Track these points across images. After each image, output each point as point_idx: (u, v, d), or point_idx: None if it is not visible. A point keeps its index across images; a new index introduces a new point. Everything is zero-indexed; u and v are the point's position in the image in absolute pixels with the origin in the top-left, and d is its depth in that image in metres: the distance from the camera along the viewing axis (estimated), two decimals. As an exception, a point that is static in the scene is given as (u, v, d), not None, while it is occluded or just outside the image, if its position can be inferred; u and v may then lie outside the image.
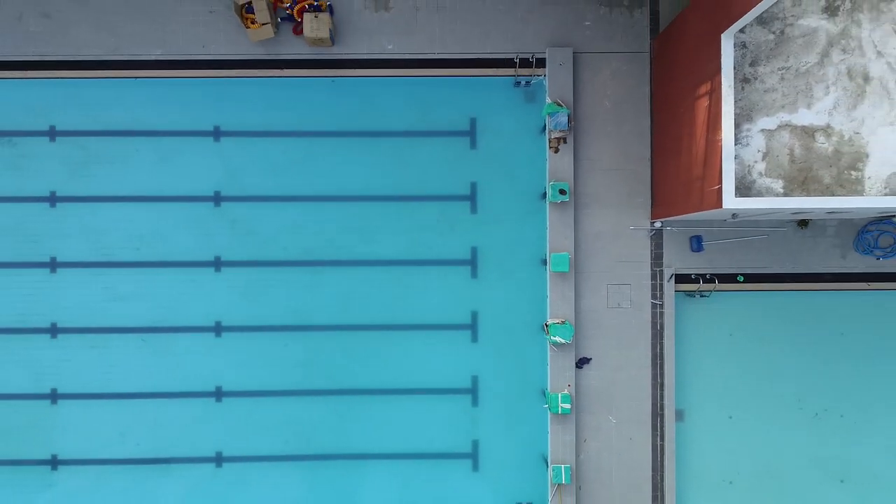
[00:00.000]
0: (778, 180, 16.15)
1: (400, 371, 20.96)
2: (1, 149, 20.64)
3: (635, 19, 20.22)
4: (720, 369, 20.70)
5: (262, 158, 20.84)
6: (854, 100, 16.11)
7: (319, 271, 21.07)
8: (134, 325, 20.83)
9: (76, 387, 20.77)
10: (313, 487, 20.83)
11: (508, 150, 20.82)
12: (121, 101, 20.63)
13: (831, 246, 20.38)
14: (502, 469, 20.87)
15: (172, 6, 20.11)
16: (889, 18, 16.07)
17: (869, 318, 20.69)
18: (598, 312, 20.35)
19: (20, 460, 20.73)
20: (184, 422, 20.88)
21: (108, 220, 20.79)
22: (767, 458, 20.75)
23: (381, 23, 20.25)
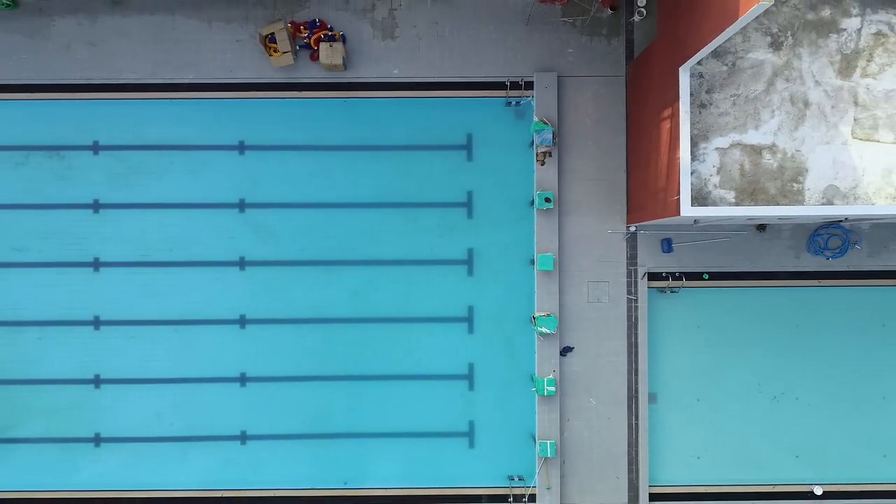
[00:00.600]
0: (730, 191, 18.73)
1: (404, 359, 23.34)
2: (50, 161, 23.20)
3: (612, 47, 22.78)
4: (688, 357, 23.12)
5: (282, 170, 23.30)
6: (795, 122, 18.67)
7: (332, 270, 23.45)
8: (167, 318, 23.22)
9: (116, 373, 23.14)
10: (327, 462, 23.20)
11: (500, 162, 23.20)
12: (157, 119, 23.06)
13: (786, 248, 22.91)
14: (495, 446, 23.25)
15: (203, 36, 22.63)
16: (825, 52, 18.65)
17: (820, 312, 23.07)
18: (580, 307, 22.86)
19: (67, 438, 23.13)
20: (212, 404, 23.27)
21: (145, 225, 23.12)
22: (731, 436, 23.13)
23: (387, 50, 22.80)
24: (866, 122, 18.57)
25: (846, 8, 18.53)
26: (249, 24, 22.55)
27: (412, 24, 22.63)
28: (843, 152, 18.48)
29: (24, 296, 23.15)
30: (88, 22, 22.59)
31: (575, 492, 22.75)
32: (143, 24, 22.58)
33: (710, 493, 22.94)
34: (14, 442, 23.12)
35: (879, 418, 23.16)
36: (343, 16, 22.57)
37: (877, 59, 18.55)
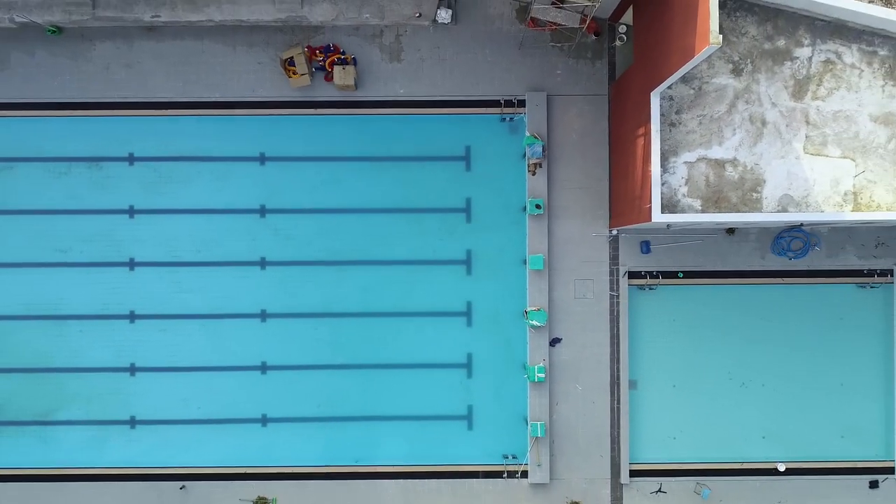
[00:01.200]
0: (697, 200, 21.23)
1: (409, 349, 25.73)
2: (90, 171, 25.66)
3: (596, 69, 25.27)
4: (665, 348, 25.53)
5: (299, 179, 25.70)
6: (754, 139, 21.17)
7: (344, 269, 25.84)
8: (195, 312, 25.65)
9: (150, 362, 25.55)
10: (340, 442, 25.55)
11: (496, 172, 25.61)
12: (186, 133, 25.48)
13: (753, 249, 25.39)
14: (491, 428, 25.63)
15: (229, 59, 25.09)
16: (781, 78, 21.14)
17: (784, 307, 25.46)
18: (567, 302, 25.35)
19: (106, 420, 25.55)
20: (235, 390, 25.66)
21: (175, 229, 25.53)
22: (703, 418, 25.53)
23: (394, 72, 25.28)
24: (816, 139, 21.09)
25: (799, 39, 21.06)
26: (270, 49, 25.05)
27: (416, 48, 25.13)
28: (796, 165, 21.01)
29: (67, 293, 25.64)
30: (125, 46, 25.09)
31: (563, 468, 25.26)
32: (174, 48, 25.08)
33: (684, 470, 25.40)
34: (58, 424, 25.61)
35: (837, 403, 25.61)
36: (354, 41, 25.07)
37: (826, 84, 21.08)
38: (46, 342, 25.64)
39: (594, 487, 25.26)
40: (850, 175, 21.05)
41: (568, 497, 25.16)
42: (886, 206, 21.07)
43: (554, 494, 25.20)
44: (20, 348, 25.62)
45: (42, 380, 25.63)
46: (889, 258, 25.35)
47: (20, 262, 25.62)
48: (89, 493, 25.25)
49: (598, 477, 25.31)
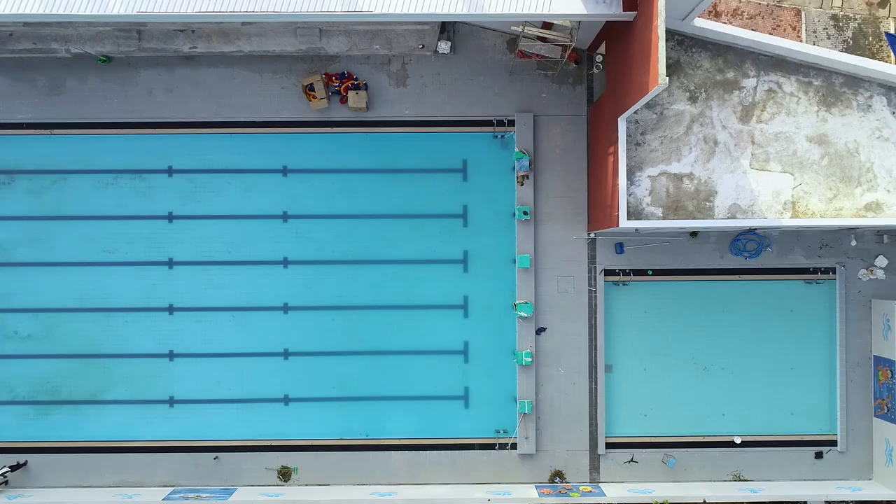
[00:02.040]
0: (659, 208, 24.90)
1: (412, 338, 28.99)
2: (134, 182, 29.20)
3: (577, 92, 28.84)
4: (637, 336, 28.85)
5: (317, 188, 29.06)
6: (707, 156, 24.83)
7: (356, 268, 29.13)
8: (226, 305, 28.96)
9: (186, 349, 28.91)
10: (352, 418, 28.76)
11: (489, 182, 28.87)
12: (218, 149, 28.88)
13: (713, 249, 28.94)
14: (485, 406, 28.92)
15: (256, 84, 28.58)
16: (730, 104, 24.81)
17: (741, 301, 28.77)
18: (551, 296, 28.88)
19: (148, 400, 28.88)
20: (261, 373, 28.97)
21: (209, 232, 28.87)
22: (671, 398, 28.85)
23: (400, 95, 28.85)
24: (760, 157, 24.79)
25: (745, 71, 24.77)
26: (292, 75, 28.67)
27: (420, 74, 28.78)
28: (743, 179, 24.68)
29: (114, 288, 29.14)
30: (166, 73, 28.74)
31: (547, 441, 28.80)
32: (209, 75, 28.69)
33: (653, 443, 28.95)
34: (106, 403, 29.19)
35: (787, 384, 29.07)
36: (366, 68, 28.72)
37: (768, 109, 24.79)
38: (96, 331, 29.12)
39: (574, 458, 28.84)
40: (789, 187, 24.75)
41: (552, 466, 28.79)
42: (820, 214, 24.75)
43: (539, 464, 28.83)
44: (73, 336, 29.16)
45: (92, 364, 29.18)
46: (832, 258, 28.92)
47: (73, 261, 29.18)
48: (135, 462, 28.79)
49: (578, 448, 28.82)
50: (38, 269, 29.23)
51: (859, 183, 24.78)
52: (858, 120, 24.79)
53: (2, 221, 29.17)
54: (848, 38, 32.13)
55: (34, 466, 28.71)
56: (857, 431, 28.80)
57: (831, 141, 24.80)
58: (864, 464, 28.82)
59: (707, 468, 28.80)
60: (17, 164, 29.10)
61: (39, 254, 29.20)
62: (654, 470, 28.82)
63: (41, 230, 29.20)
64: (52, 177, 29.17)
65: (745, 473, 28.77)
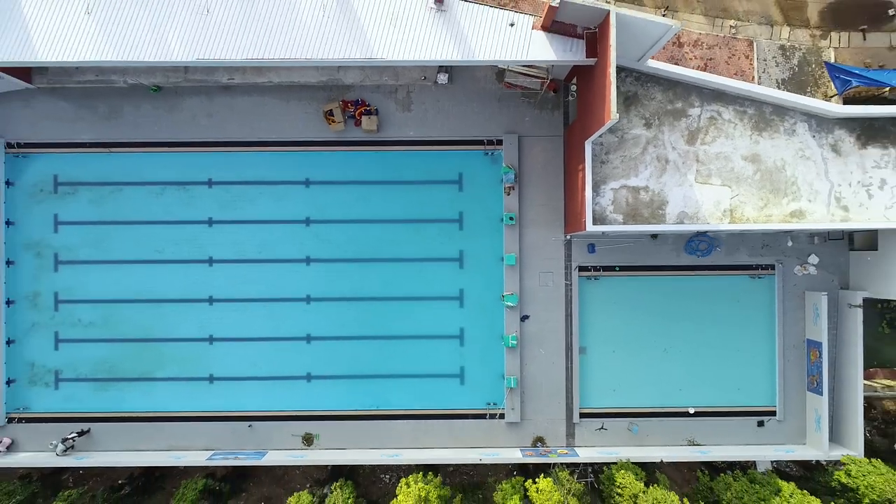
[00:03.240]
0: (619, 215, 30.08)
1: (416, 324, 34.04)
2: (180, 193, 34.39)
3: (555, 117, 34.00)
4: (607, 322, 33.98)
5: (334, 198, 34.16)
6: (660, 172, 30.05)
7: (367, 265, 34.14)
8: (258, 297, 34.13)
9: (224, 334, 34.03)
10: (363, 393, 33.84)
11: (481, 192, 33.93)
12: (251, 164, 34.10)
13: (671, 249, 34.10)
14: (477, 382, 33.93)
15: (284, 110, 33.72)
16: (679, 129, 30.03)
17: (695, 292, 33.85)
18: (534, 289, 34.04)
19: (191, 377, 34.03)
20: (288, 355, 34.03)
21: (243, 235, 34.07)
22: (635, 375, 33.94)
23: (406, 119, 34.05)
24: (704, 173, 29.97)
25: (691, 102, 29.96)
26: (314, 102, 33.84)
27: (422, 101, 33.95)
28: (690, 191, 29.85)
29: (162, 282, 34.23)
30: (207, 100, 33.92)
31: (530, 411, 33.95)
32: (244, 102, 33.86)
33: (620, 413, 34.00)
34: (156, 380, 34.31)
35: (735, 364, 34.07)
36: (376, 96, 33.90)
37: (710, 134, 29.97)
38: (147, 319, 34.22)
39: (553, 425, 33.98)
40: (728, 198, 29.93)
41: (534, 433, 33.95)
42: (753, 220, 29.93)
43: (523, 431, 33.98)
44: (128, 324, 34.28)
45: (144, 347, 34.28)
46: (772, 256, 34.06)
47: (128, 259, 34.28)
48: (180, 430, 33.89)
49: (556, 418, 33.94)
50: (97, 266, 34.36)
51: (786, 194, 29.95)
52: (785, 142, 29.97)
53: (68, 226, 34.31)
54: (794, 65, 37.22)
55: (96, 433, 33.83)
56: (793, 403, 33.93)
57: (762, 159, 29.98)
58: (799, 430, 33.96)
59: (665, 434, 33.89)
60: (81, 177, 34.22)
61: (99, 253, 34.31)
62: (620, 436, 33.90)
63: (100, 233, 34.33)
64: (109, 188, 34.29)
65: (698, 439, 33.88)
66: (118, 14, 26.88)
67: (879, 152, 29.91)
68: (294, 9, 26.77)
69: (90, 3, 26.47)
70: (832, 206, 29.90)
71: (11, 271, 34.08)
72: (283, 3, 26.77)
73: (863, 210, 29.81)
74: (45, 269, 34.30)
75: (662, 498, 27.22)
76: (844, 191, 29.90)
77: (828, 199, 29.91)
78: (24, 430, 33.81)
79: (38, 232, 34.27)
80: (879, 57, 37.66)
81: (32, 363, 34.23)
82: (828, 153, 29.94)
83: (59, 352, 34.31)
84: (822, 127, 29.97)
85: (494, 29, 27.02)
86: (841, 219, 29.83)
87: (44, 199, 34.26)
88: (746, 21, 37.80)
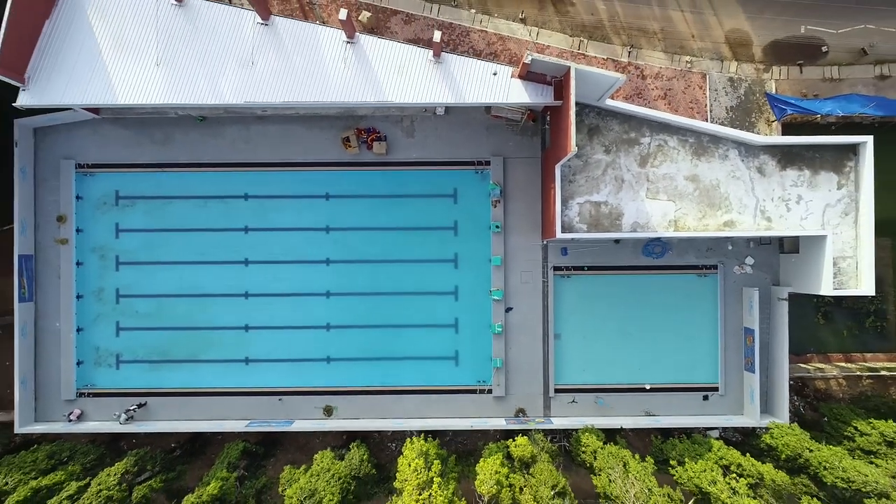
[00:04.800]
0: (584, 225, 36.83)
1: (419, 315, 40.74)
2: (221, 205, 41.10)
3: (534, 142, 40.76)
4: (578, 313, 40.89)
5: (350, 209, 41.00)
6: (617, 190, 36.81)
7: (378, 265, 40.87)
8: (286, 292, 40.86)
9: (257, 323, 40.75)
10: (374, 373, 40.64)
11: (472, 205, 40.81)
12: (280, 181, 40.78)
13: (631, 252, 40.87)
14: (469, 364, 40.77)
15: (308, 136, 40.48)
16: (633, 154, 36.79)
17: (651, 288, 40.59)
18: (516, 285, 40.84)
19: (230, 359, 40.84)
20: (310, 340, 40.72)
21: (273, 240, 40.94)
22: (601, 357, 40.71)
23: (410, 144, 40.80)
24: (653, 190, 36.72)
25: (643, 132, 36.74)
26: (333, 129, 40.60)
27: (423, 129, 40.70)
28: (641, 205, 36.60)
29: (206, 280, 40.92)
30: (244, 128, 40.68)
31: (513, 387, 40.72)
32: (275, 130, 40.63)
33: (589, 388, 40.62)
34: (201, 361, 41.03)
35: (685, 348, 40.85)
36: (385, 125, 40.65)
37: (658, 158, 36.74)
38: (193, 311, 40.93)
39: (533, 399, 40.75)
40: (672, 211, 36.67)
41: (517, 405, 40.71)
42: (693, 228, 36.63)
43: (508, 404, 40.74)
44: (177, 314, 41.01)
45: (191, 334, 41.02)
46: (715, 258, 40.77)
47: (177, 260, 40.99)
48: (221, 403, 40.61)
49: (535, 393, 40.69)
50: (152, 266, 41.08)
51: (720, 207, 36.69)
52: (719, 165, 36.71)
53: (127, 233, 41.06)
54: (741, 94, 43.88)
55: (152, 406, 40.57)
56: (732, 380, 40.66)
57: (701, 179, 36.72)
58: (737, 403, 40.69)
59: (626, 407, 40.61)
60: (138, 192, 40.95)
61: (153, 255, 41.02)
62: (588, 408, 40.63)
63: (154, 239, 41.04)
64: (162, 201, 41.01)
65: (653, 411, 40.60)
66: (181, 66, 33.63)
67: (796, 173, 36.67)
68: (321, 62, 33.52)
69: (159, 57, 33.19)
70: (758, 217, 36.67)
71: (80, 271, 40.81)
72: (312, 58, 33.52)
73: (783, 220, 36.58)
74: (108, 269, 41.04)
75: (615, 452, 33.97)
76: (768, 205, 36.65)
77: (754, 212, 36.67)
78: (91, 404, 40.55)
79: (103, 238, 41.00)
80: (814, 88, 44.39)
81: (97, 347, 40.95)
82: (754, 174, 36.70)
83: (120, 338, 41.05)
84: (750, 152, 36.73)
85: (481, 77, 33.80)
86: (765, 228, 36.58)
87: (107, 211, 40.99)
88: (700, 56, 44.51)
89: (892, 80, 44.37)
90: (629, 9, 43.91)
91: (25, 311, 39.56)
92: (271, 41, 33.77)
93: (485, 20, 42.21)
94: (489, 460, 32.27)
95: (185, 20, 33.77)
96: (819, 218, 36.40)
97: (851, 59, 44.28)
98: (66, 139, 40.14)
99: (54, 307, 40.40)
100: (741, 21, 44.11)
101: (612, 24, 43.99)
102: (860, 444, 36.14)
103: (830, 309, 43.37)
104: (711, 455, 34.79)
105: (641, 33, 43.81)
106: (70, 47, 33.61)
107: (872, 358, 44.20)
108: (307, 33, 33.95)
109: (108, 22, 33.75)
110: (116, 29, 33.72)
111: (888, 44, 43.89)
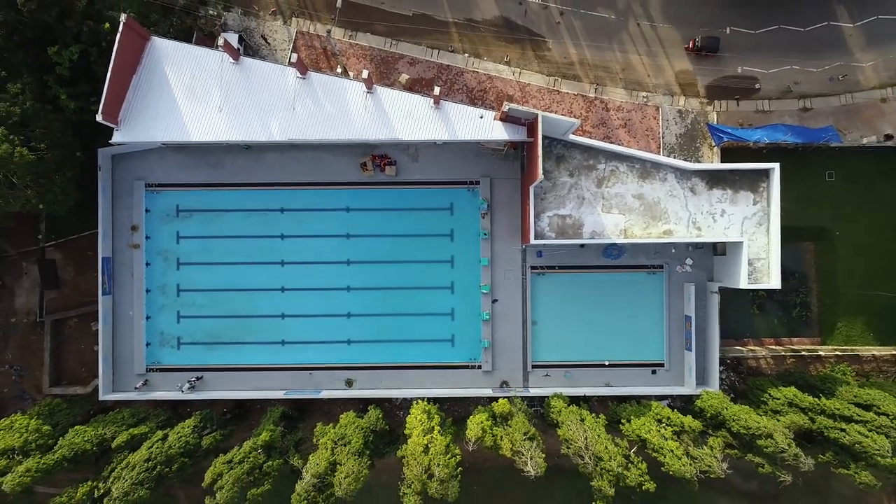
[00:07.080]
0: (553, 233, 46.45)
1: (422, 305, 50.16)
2: (261, 217, 50.44)
3: (515, 165, 50.25)
4: (551, 304, 50.38)
5: (367, 220, 50.43)
6: (579, 205, 46.43)
7: (389, 266, 50.29)
8: (315, 286, 50.40)
9: (292, 312, 50.20)
10: (386, 352, 50.14)
11: (465, 216, 50.20)
12: (310, 197, 50.23)
13: (593, 254, 50.27)
14: (463, 345, 50.34)
15: (333, 161, 49.92)
16: (591, 177, 46.52)
17: (611, 284, 50.20)
18: (501, 281, 50.29)
19: (269, 342, 50.31)
20: (334, 326, 50.25)
21: (304, 245, 50.36)
22: (570, 339, 50.07)
23: (414, 167, 50.31)
24: (607, 206, 46.39)
25: (599, 160, 46.40)
26: (353, 156, 50.14)
27: (426, 155, 50.23)
28: (599, 218, 46.26)
29: (250, 277, 50.37)
30: (280, 154, 50.31)
31: (499, 363, 50.21)
32: (306, 156, 50.16)
33: (559, 364, 50.17)
34: (246, 343, 50.64)
35: (637, 331, 50.25)
36: (395, 152, 50.18)
37: (611, 180, 46.44)
38: (240, 302, 50.46)
39: (514, 373, 50.33)
40: (623, 222, 46.32)
41: (501, 378, 50.35)
42: (639, 236, 46.30)
43: (494, 377, 50.35)
44: (226, 305, 50.55)
45: (238, 321, 50.54)
46: (661, 259, 50.28)
47: (227, 262, 50.53)
48: (262, 377, 50.17)
49: (516, 368, 50.26)
50: (206, 266, 50.67)
51: (660, 219, 46.32)
52: (660, 186, 46.32)
53: (186, 239, 50.66)
54: (688, 124, 53.44)
55: (207, 379, 50.18)
56: (675, 358, 50.28)
57: (645, 197, 46.35)
58: (679, 376, 50.30)
59: (589, 379, 50.21)
60: (195, 206, 50.55)
61: (207, 258, 50.59)
62: (559, 380, 50.24)
63: (208, 245, 50.61)
64: (214, 213, 50.60)
65: (612, 382, 50.19)
66: (238, 110, 43.26)
67: (721, 192, 46.31)
68: (346, 108, 43.16)
69: (221, 104, 42.82)
70: (691, 227, 46.31)
71: (149, 270, 50.48)
72: (340, 105, 43.15)
73: (710, 230, 46.23)
74: (170, 269, 50.67)
75: (575, 411, 43.66)
76: (698, 217, 46.28)
77: (688, 223, 46.31)
78: (158, 377, 50.21)
79: (166, 243, 50.61)
80: (749, 118, 53.89)
81: (162, 332, 50.61)
82: (688, 193, 46.34)
83: (180, 324, 50.70)
84: (684, 176, 46.37)
85: (470, 119, 43.47)
86: (696, 235, 46.23)
87: (170, 221, 50.61)
88: (655, 92, 54.04)
89: (814, 112, 53.89)
90: (596, 53, 53.45)
91: (106, 303, 49.18)
92: (308, 91, 43.39)
93: (476, 63, 51.88)
94: (477, 416, 41.99)
95: (241, 75, 43.39)
96: (739, 227, 46.05)
97: (780, 94, 53.75)
98: (138, 164, 49.75)
99: (128, 299, 49.99)
100: (687, 64, 53.66)
101: (581, 65, 53.53)
102: (771, 406, 45.78)
103: (764, 301, 52.87)
104: (651, 413, 44.50)
105: (606, 73, 53.33)
106: (152, 96, 43.23)
107: (798, 342, 53.75)
108: (336, 85, 43.60)
109: (181, 76, 43.34)
110: (188, 81, 43.30)
111: (810, 83, 53.46)
